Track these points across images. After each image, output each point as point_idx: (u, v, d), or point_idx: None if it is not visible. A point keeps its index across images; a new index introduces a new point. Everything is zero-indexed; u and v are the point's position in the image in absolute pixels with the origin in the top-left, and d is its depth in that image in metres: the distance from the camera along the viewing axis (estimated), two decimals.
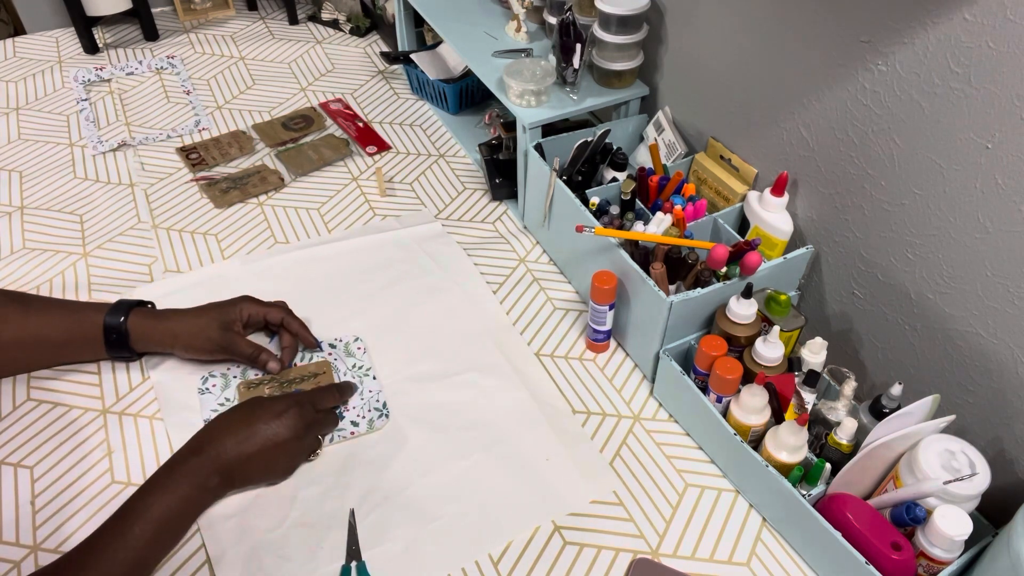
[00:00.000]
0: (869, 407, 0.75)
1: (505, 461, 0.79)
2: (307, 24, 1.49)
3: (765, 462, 0.72)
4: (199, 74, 1.33)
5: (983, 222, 0.68)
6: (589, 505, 0.76)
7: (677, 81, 1.01)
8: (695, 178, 0.99)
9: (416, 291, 0.97)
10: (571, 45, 0.96)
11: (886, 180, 0.76)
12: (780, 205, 0.86)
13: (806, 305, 0.92)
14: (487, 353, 0.90)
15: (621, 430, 0.83)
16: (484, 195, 1.12)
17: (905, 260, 0.77)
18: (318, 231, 1.05)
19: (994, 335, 0.70)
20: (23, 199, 1.07)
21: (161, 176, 1.12)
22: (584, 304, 0.97)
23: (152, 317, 0.83)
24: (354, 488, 0.76)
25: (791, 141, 0.85)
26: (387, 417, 0.83)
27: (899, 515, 0.65)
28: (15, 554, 0.70)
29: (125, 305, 0.82)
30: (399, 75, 1.36)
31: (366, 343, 0.90)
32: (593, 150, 0.95)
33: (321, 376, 0.85)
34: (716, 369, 0.75)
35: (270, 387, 0.84)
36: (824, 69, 0.77)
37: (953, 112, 0.67)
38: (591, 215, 0.89)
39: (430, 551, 0.72)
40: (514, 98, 0.98)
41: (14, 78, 1.29)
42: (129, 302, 0.83)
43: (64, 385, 0.84)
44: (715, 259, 0.80)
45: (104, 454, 0.78)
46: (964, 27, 0.63)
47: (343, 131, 1.22)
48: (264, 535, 0.72)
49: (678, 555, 0.73)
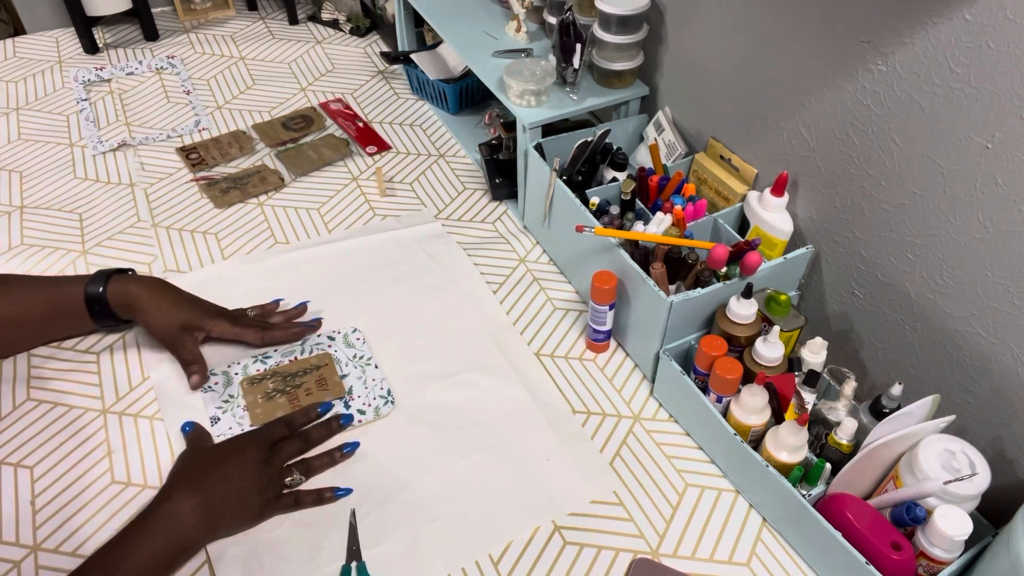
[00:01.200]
0: (869, 407, 0.75)
1: (505, 461, 0.79)
2: (307, 24, 1.49)
3: (765, 462, 0.72)
4: (199, 74, 1.33)
5: (983, 222, 0.68)
6: (589, 505, 0.76)
7: (677, 81, 1.01)
8: (695, 178, 0.99)
9: (416, 291, 0.97)
10: (571, 45, 0.96)
11: (886, 180, 0.76)
12: (780, 205, 0.86)
13: (806, 305, 0.92)
14: (487, 353, 0.90)
15: (621, 430, 0.83)
16: (484, 195, 1.12)
17: (905, 260, 0.77)
18: (318, 231, 1.05)
19: (994, 335, 0.70)
20: (23, 199, 1.07)
21: (161, 176, 1.12)
22: (584, 304, 0.97)
23: (131, 281, 0.84)
24: (354, 488, 0.76)
25: (791, 141, 0.85)
26: (393, 404, 0.83)
27: (899, 515, 0.65)
28: (15, 554, 0.70)
29: (104, 274, 0.83)
30: (399, 75, 1.36)
31: (364, 333, 0.90)
32: (593, 150, 0.95)
33: (324, 368, 0.85)
34: (716, 369, 0.75)
35: (273, 382, 0.84)
36: (824, 69, 0.77)
37: (953, 112, 0.67)
38: (591, 215, 0.89)
39: (430, 551, 0.72)
40: (514, 98, 0.98)
41: (14, 78, 1.29)
42: (108, 271, 0.84)
43: (64, 385, 0.84)
44: (715, 259, 0.80)
45: (104, 454, 0.78)
46: (964, 27, 0.63)
47: (343, 131, 1.22)
48: (264, 535, 0.72)
49: (678, 555, 0.73)
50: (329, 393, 0.83)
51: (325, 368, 0.85)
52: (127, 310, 0.83)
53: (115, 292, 0.82)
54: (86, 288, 0.82)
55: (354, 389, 0.84)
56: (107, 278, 0.83)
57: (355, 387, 0.85)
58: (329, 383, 0.84)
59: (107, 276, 0.83)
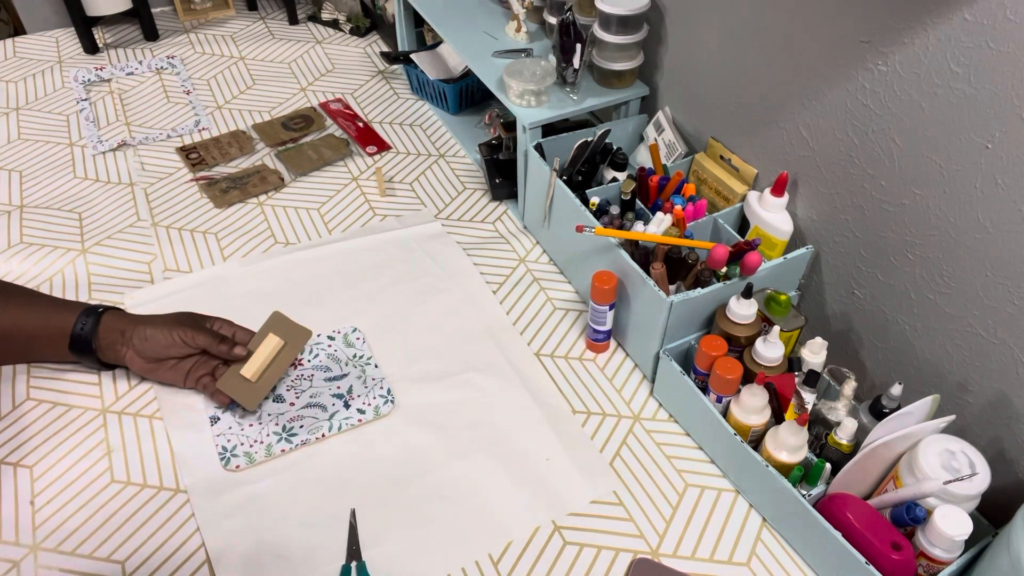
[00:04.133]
0: (869, 407, 0.75)
1: (505, 461, 0.79)
2: (307, 24, 1.49)
3: (765, 462, 0.72)
4: (199, 74, 1.33)
5: (983, 222, 0.68)
6: (589, 505, 0.76)
7: (677, 81, 1.01)
8: (695, 178, 0.99)
9: (416, 291, 0.97)
10: (571, 45, 0.96)
11: (886, 180, 0.76)
12: (780, 205, 0.86)
13: (806, 305, 0.92)
14: (487, 353, 0.90)
15: (621, 430, 0.83)
16: (484, 195, 1.12)
17: (905, 260, 0.77)
18: (318, 231, 1.05)
19: (994, 335, 0.70)
20: (23, 198, 1.07)
21: (161, 176, 1.12)
22: (584, 304, 0.97)
23: (123, 315, 0.82)
24: (354, 488, 0.76)
25: (791, 141, 0.85)
26: (393, 403, 0.83)
27: (899, 515, 0.65)
28: (15, 554, 0.70)
29: (101, 307, 0.81)
30: (399, 75, 1.36)
31: (364, 333, 0.90)
32: (593, 150, 0.95)
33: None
34: (716, 369, 0.75)
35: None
36: (824, 69, 0.77)
37: (953, 112, 0.67)
38: (591, 215, 0.89)
39: (430, 551, 0.72)
40: (514, 98, 0.98)
41: (14, 78, 1.29)
42: (106, 306, 0.82)
43: (64, 385, 0.84)
44: (715, 259, 0.80)
45: (104, 454, 0.78)
46: (964, 27, 0.63)
47: (343, 131, 1.22)
48: (264, 535, 0.72)
49: (678, 555, 0.73)
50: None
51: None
52: (117, 332, 0.80)
53: (108, 320, 0.80)
54: (79, 316, 0.80)
55: (354, 389, 0.84)
56: (103, 312, 0.81)
57: (355, 387, 0.85)
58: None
59: (103, 310, 0.81)
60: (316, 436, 0.80)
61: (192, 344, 0.81)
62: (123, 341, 0.80)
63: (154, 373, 0.82)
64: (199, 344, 0.81)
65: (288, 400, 0.83)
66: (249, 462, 0.77)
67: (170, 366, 0.82)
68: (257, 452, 0.78)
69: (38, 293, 0.84)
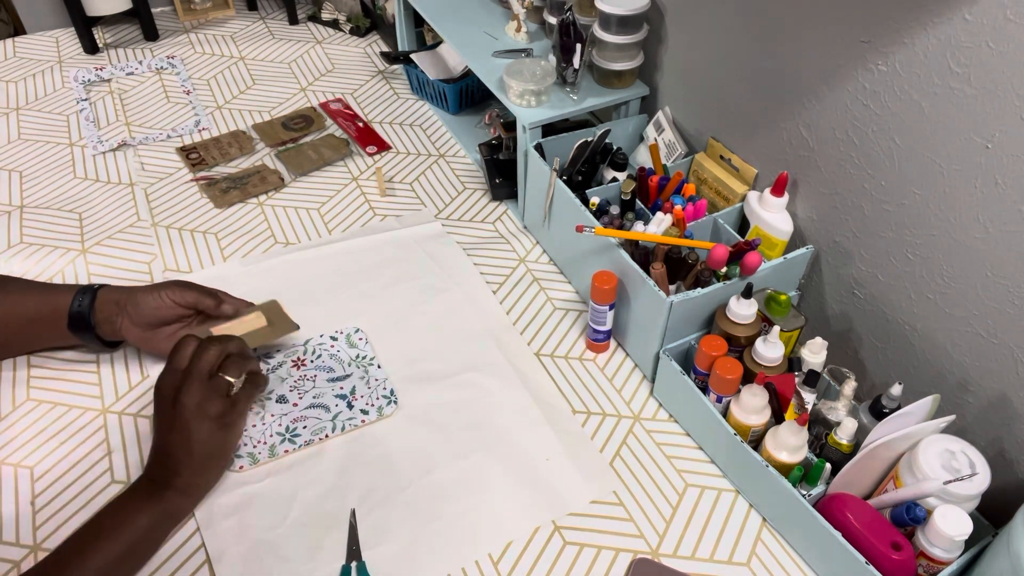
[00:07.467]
0: (869, 407, 0.75)
1: (505, 461, 0.79)
2: (307, 24, 1.49)
3: (765, 462, 0.72)
4: (199, 74, 1.33)
5: (983, 222, 0.68)
6: (589, 505, 0.76)
7: (677, 81, 1.01)
8: (695, 178, 0.99)
9: (416, 291, 0.97)
10: (571, 45, 0.96)
11: (886, 180, 0.76)
12: (780, 205, 0.86)
13: (806, 305, 0.92)
14: (487, 353, 0.90)
15: (621, 430, 0.83)
16: (484, 195, 1.12)
17: (905, 260, 0.77)
18: (318, 231, 1.05)
19: (994, 335, 0.70)
20: (23, 198, 1.07)
21: (161, 176, 1.12)
22: (584, 304, 0.97)
23: (118, 287, 0.83)
24: (354, 488, 0.76)
25: (791, 141, 0.85)
26: (396, 404, 0.83)
27: (899, 515, 0.65)
28: (15, 554, 0.70)
29: (96, 285, 0.82)
30: (399, 75, 1.36)
31: (367, 334, 0.90)
32: (593, 150, 0.95)
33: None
34: (716, 369, 0.75)
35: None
36: (824, 69, 0.77)
37: (953, 112, 0.67)
38: (591, 215, 0.89)
39: (430, 551, 0.72)
40: (514, 98, 0.98)
41: (14, 78, 1.29)
42: (101, 284, 0.83)
43: (64, 385, 0.84)
44: (715, 259, 0.80)
45: (104, 454, 0.78)
46: (964, 27, 0.63)
47: (343, 131, 1.22)
48: (264, 535, 0.72)
49: (678, 555, 0.73)
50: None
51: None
52: (113, 303, 0.81)
53: (105, 293, 0.81)
54: (75, 295, 0.80)
55: (357, 389, 0.84)
56: (97, 289, 0.82)
57: (358, 387, 0.85)
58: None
59: (97, 288, 0.82)
60: (320, 437, 0.80)
61: (181, 301, 0.81)
62: (119, 311, 0.81)
63: (150, 343, 0.83)
64: (188, 301, 0.81)
65: (291, 401, 0.83)
66: (252, 462, 0.77)
67: (166, 334, 0.82)
68: (261, 453, 0.78)
69: (34, 281, 0.85)
